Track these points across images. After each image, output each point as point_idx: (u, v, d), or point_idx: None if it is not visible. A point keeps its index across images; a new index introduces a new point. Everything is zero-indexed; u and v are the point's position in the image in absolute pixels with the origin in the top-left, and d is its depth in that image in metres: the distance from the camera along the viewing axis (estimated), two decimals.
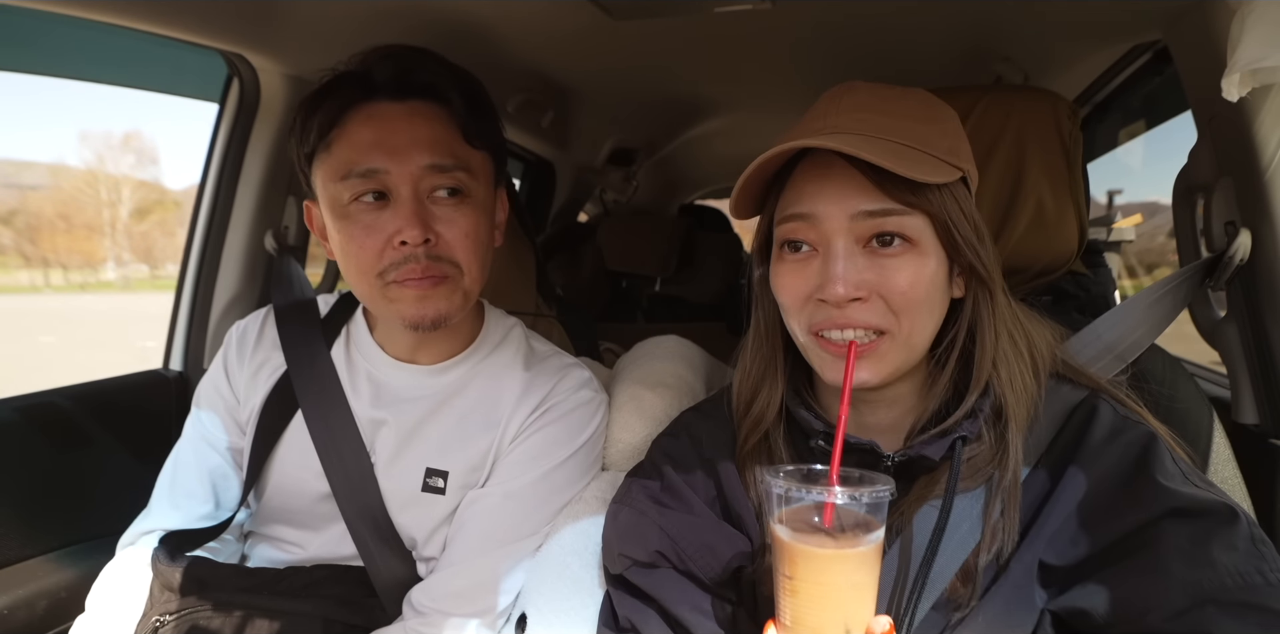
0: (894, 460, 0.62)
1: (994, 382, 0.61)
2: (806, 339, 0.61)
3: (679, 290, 2.64)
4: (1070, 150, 0.88)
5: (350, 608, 0.79)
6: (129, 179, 23.80)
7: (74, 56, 1.11)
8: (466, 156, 0.77)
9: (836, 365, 0.59)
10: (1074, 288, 0.95)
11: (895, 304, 0.58)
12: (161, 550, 0.79)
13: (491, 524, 0.78)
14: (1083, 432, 0.60)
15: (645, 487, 0.70)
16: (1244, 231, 0.81)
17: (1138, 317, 0.78)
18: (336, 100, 0.76)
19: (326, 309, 0.91)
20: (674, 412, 0.87)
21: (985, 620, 0.58)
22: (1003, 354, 0.61)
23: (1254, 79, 0.69)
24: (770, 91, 1.61)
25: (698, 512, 0.68)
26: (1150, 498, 0.55)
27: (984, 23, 1.08)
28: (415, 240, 0.72)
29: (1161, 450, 0.58)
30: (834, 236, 0.58)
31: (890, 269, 0.58)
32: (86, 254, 22.12)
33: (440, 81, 0.77)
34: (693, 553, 0.65)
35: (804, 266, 0.60)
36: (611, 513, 0.72)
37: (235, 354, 0.88)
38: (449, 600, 0.75)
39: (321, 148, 0.76)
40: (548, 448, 0.81)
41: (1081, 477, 0.58)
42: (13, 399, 1.03)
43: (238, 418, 0.87)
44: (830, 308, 0.58)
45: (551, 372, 0.86)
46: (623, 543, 0.68)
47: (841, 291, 0.57)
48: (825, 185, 0.59)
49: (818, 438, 0.63)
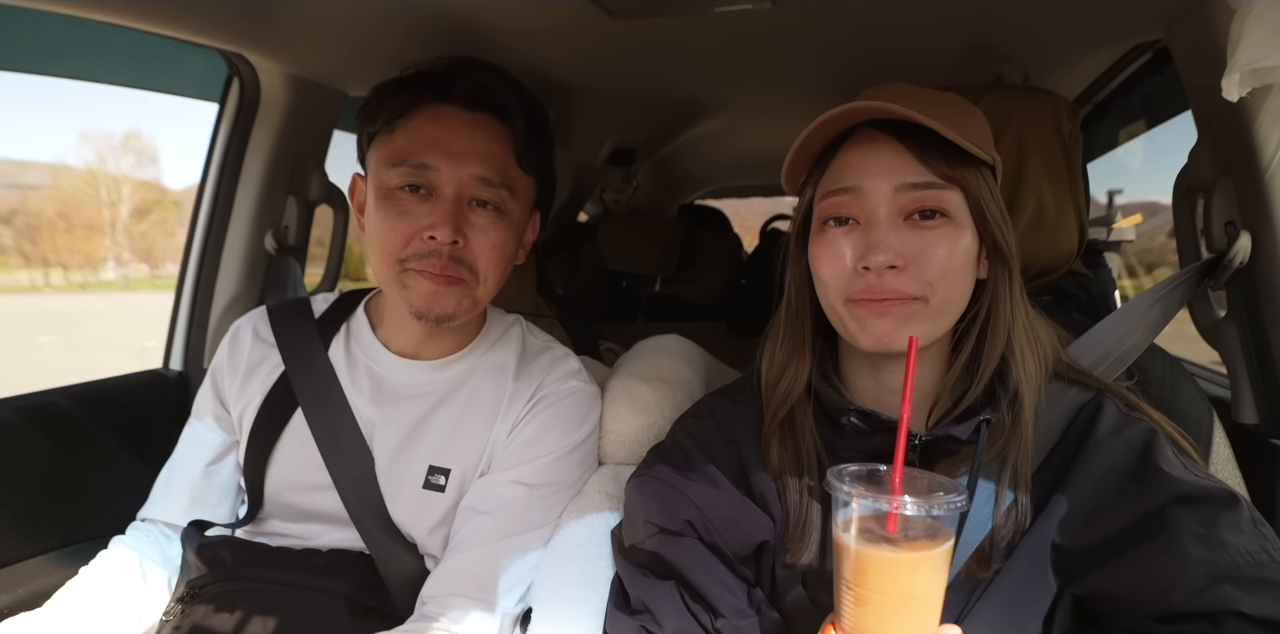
0: (921, 440, 0.63)
1: (1010, 361, 0.63)
2: (843, 308, 0.63)
3: (679, 290, 2.64)
4: (1070, 150, 0.88)
5: (368, 590, 0.81)
6: (129, 179, 23.78)
7: (74, 56, 1.11)
8: (514, 177, 0.81)
9: (875, 326, 0.61)
10: (1074, 288, 0.95)
11: (932, 274, 0.60)
12: (192, 528, 0.85)
13: (498, 512, 0.79)
14: (1089, 426, 0.63)
15: (669, 462, 0.72)
16: (1244, 232, 0.81)
17: (1137, 319, 0.78)
18: (412, 92, 0.80)
19: (325, 307, 0.92)
20: (667, 404, 0.88)
21: (1001, 601, 0.60)
22: (1018, 336, 0.64)
23: (1254, 79, 0.69)
24: (770, 91, 1.61)
25: (722, 487, 0.69)
26: (1158, 486, 0.58)
27: (984, 22, 1.08)
28: (445, 238, 0.75)
29: (1163, 444, 0.61)
30: (878, 207, 0.61)
31: (930, 241, 0.61)
32: (87, 254, 22.12)
33: (510, 103, 0.81)
34: (719, 525, 0.67)
35: (845, 238, 0.63)
36: (635, 485, 0.73)
37: (228, 358, 0.90)
38: (459, 589, 0.75)
39: (384, 131, 0.79)
40: (545, 435, 0.82)
41: (1089, 467, 0.61)
42: (13, 399, 1.03)
43: (229, 421, 0.89)
44: (869, 276, 0.60)
45: (544, 363, 0.88)
46: (649, 512, 0.69)
47: (882, 259, 0.59)
48: (871, 159, 0.62)
49: (849, 415, 0.65)
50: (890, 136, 0.62)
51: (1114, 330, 0.77)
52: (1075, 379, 0.67)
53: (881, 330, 0.61)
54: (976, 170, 0.62)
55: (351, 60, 1.16)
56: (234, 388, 0.88)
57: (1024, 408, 0.62)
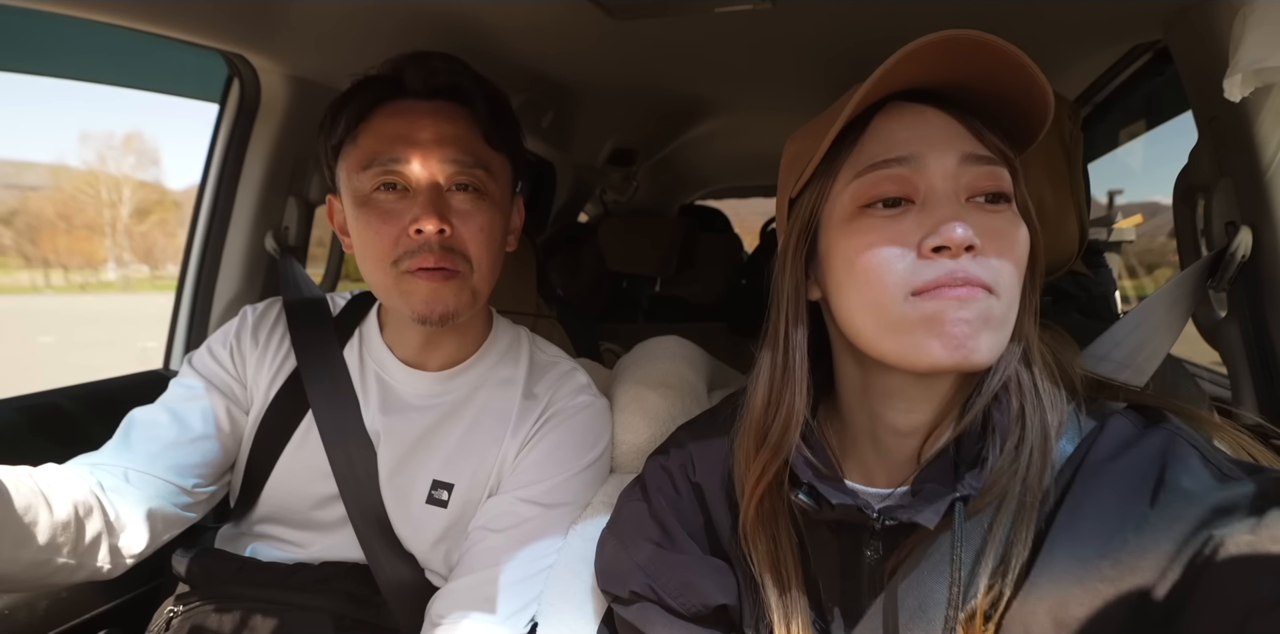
0: (883, 524, 0.53)
1: (1010, 388, 0.52)
2: (903, 305, 0.49)
3: (679, 291, 2.65)
4: (1071, 150, 0.88)
5: (360, 604, 0.79)
6: (130, 179, 23.80)
7: (74, 56, 1.11)
8: (487, 156, 0.79)
9: (954, 322, 0.48)
10: (1074, 288, 0.95)
11: (1004, 265, 0.49)
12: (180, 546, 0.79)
13: (511, 531, 0.77)
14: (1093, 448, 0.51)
15: (634, 513, 0.69)
16: (1244, 232, 0.81)
17: (1159, 320, 0.76)
18: (366, 96, 0.79)
19: (339, 308, 0.91)
20: (677, 411, 0.87)
21: None
22: (1034, 352, 0.53)
23: (1256, 79, 0.69)
24: (770, 92, 1.61)
25: (678, 545, 0.66)
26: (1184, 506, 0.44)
27: (984, 22, 1.07)
28: (432, 229, 0.74)
29: (1184, 452, 0.47)
30: (941, 182, 0.50)
31: (1000, 225, 0.50)
32: (87, 254, 22.12)
33: (466, 84, 0.80)
34: (671, 590, 0.64)
35: (896, 221, 0.50)
36: (601, 541, 0.71)
37: (250, 335, 0.86)
38: (472, 610, 0.74)
39: (348, 140, 0.78)
40: (558, 453, 0.81)
41: (1095, 500, 0.48)
42: (13, 399, 1.03)
43: (238, 398, 0.84)
44: (945, 260, 0.48)
45: (552, 379, 0.87)
46: (603, 578, 0.68)
47: (962, 234, 0.47)
48: (923, 127, 0.51)
49: (798, 491, 0.55)
50: (938, 110, 0.52)
51: (1134, 332, 0.73)
52: (1094, 394, 0.55)
53: (963, 332, 0.47)
54: (1016, 154, 0.54)
55: (352, 61, 1.16)
56: (250, 366, 0.85)
57: (1026, 444, 0.50)
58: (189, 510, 0.79)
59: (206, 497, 0.82)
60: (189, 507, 0.79)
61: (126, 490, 0.73)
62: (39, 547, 0.61)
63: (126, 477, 0.74)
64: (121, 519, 0.70)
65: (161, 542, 0.76)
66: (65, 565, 0.64)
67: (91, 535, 0.66)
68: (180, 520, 0.78)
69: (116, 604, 0.99)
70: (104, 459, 0.75)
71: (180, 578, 0.83)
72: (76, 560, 0.65)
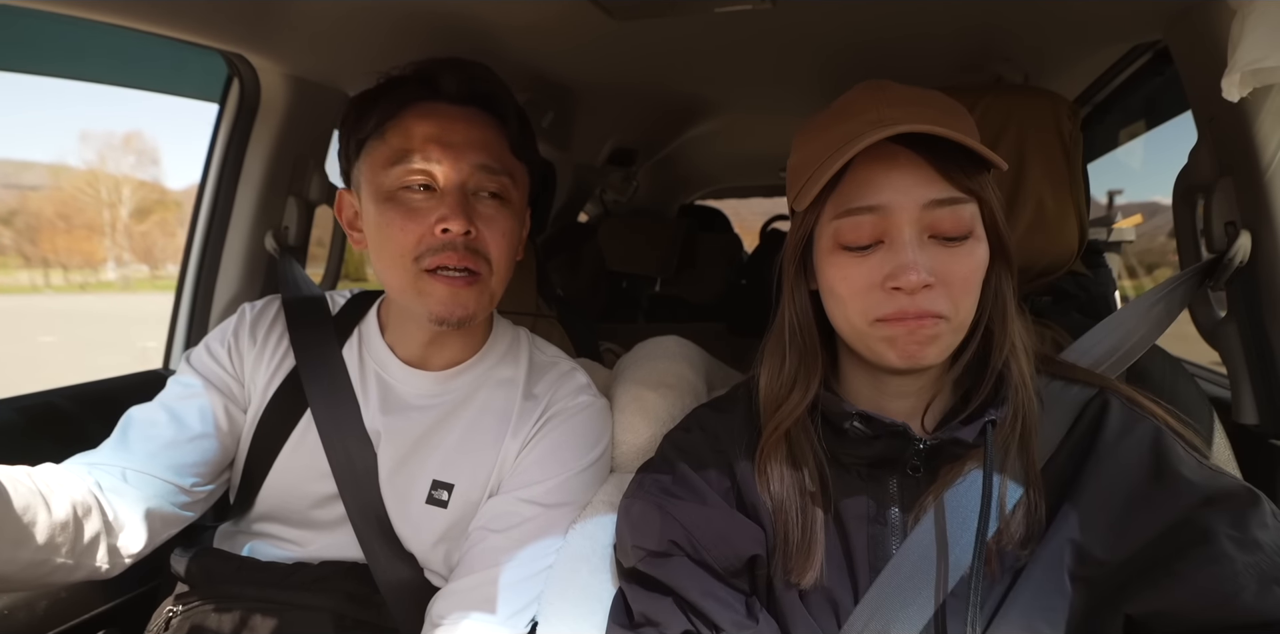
0: (925, 444, 0.63)
1: (1011, 362, 0.63)
2: (869, 328, 0.61)
3: (679, 291, 2.65)
4: (1070, 150, 0.88)
5: (359, 604, 0.79)
6: (129, 179, 23.81)
7: (74, 56, 1.11)
8: (512, 165, 0.81)
9: (907, 344, 0.60)
10: (1074, 288, 0.95)
11: (955, 291, 0.60)
12: (179, 545, 0.79)
13: (512, 531, 0.77)
14: (1096, 428, 0.63)
15: (657, 480, 0.71)
16: (1244, 232, 0.81)
17: (1138, 319, 0.78)
18: (399, 95, 0.79)
19: (339, 307, 0.91)
20: (677, 411, 0.87)
21: (1021, 606, 0.59)
22: (1018, 334, 0.64)
23: (1255, 79, 0.69)
24: (770, 92, 1.61)
25: (710, 502, 0.68)
26: (1179, 491, 0.57)
27: (984, 23, 1.08)
28: (459, 229, 0.75)
29: (1171, 441, 0.60)
30: (904, 226, 0.59)
31: (956, 257, 0.60)
32: (87, 254, 22.13)
33: (498, 95, 0.82)
34: (707, 542, 0.66)
35: (866, 259, 0.61)
36: (624, 507, 0.72)
37: (248, 332, 0.86)
38: (473, 611, 0.74)
39: (375, 136, 0.79)
40: (558, 454, 0.81)
41: (1101, 474, 0.61)
42: (13, 399, 1.03)
43: (236, 396, 0.84)
44: (901, 297, 0.59)
45: (552, 379, 0.87)
46: (636, 534, 0.69)
47: (915, 279, 0.58)
48: (893, 175, 0.60)
49: (851, 420, 0.64)
50: (908, 150, 0.60)
51: (1115, 330, 0.77)
52: (1074, 378, 0.67)
53: (913, 349, 0.60)
54: (986, 176, 0.61)
55: (351, 60, 1.16)
56: (248, 365, 0.85)
57: (1026, 404, 0.62)
58: (187, 509, 0.79)
59: (205, 495, 0.82)
60: (187, 506, 0.79)
61: (125, 490, 0.73)
62: (37, 546, 0.61)
63: (124, 476, 0.74)
64: (120, 519, 0.70)
65: (160, 541, 0.76)
66: (64, 565, 0.64)
67: (90, 535, 0.66)
68: (179, 519, 0.78)
69: (116, 604, 0.99)
70: (102, 458, 0.75)
71: (179, 578, 0.83)
72: (75, 560, 0.65)
